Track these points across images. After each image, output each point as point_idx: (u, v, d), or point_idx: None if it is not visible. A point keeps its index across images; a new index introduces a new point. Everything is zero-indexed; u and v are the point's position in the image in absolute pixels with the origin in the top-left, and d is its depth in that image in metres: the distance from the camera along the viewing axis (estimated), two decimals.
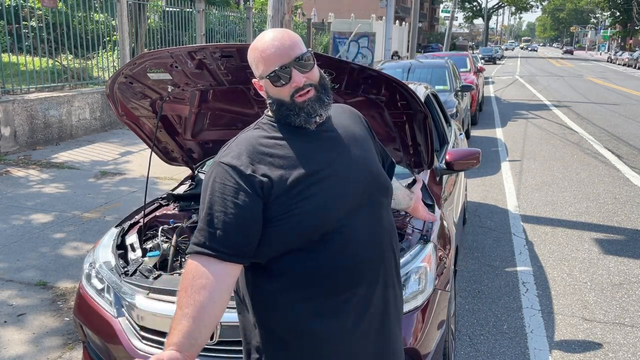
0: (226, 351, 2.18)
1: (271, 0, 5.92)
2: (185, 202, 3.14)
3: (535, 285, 4.13)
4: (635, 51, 45.47)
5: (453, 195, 3.81)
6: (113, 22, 10.49)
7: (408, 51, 25.85)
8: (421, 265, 2.42)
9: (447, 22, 33.66)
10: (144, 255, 2.67)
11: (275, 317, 1.44)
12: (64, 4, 9.24)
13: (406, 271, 2.35)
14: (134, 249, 2.72)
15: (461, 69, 12.48)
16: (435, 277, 2.48)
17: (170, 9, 11.74)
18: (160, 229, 2.83)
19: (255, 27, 15.47)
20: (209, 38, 13.45)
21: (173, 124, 2.98)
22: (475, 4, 75.23)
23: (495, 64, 42.96)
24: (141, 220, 2.95)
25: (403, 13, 44.85)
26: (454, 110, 8.08)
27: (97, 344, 2.49)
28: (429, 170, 3.23)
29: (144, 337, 2.31)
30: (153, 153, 2.99)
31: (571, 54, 74.17)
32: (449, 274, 2.69)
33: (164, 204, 3.18)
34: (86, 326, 2.53)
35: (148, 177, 2.93)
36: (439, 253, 2.63)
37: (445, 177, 3.67)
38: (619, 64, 45.38)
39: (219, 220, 1.35)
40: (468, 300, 3.87)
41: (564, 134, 10.92)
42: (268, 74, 1.42)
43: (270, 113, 1.50)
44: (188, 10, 12.14)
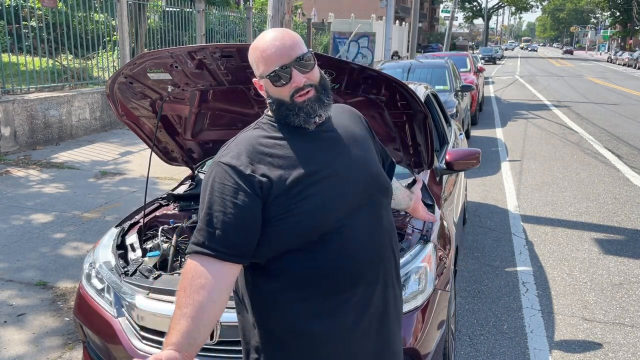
0: (226, 351, 2.18)
1: (271, 0, 5.92)
2: (185, 202, 3.14)
3: (535, 285, 4.13)
4: (635, 51, 45.47)
5: (453, 195, 3.81)
6: (113, 22, 10.49)
7: (408, 51, 25.85)
8: (421, 265, 2.42)
9: (447, 22, 33.66)
10: (144, 255, 2.67)
11: (274, 317, 1.44)
12: (64, 4, 9.24)
13: (406, 271, 2.35)
14: (134, 249, 2.72)
15: (461, 69, 12.47)
16: (435, 277, 2.48)
17: (170, 9, 11.74)
18: (160, 229, 2.83)
19: (255, 27, 15.47)
20: (209, 38, 13.45)
21: (173, 124, 2.98)
22: (475, 4, 75.22)
23: (495, 64, 42.96)
24: (141, 220, 2.95)
25: (403, 13, 44.85)
26: (454, 110, 8.08)
27: (97, 344, 2.49)
28: (429, 170, 3.23)
29: (144, 337, 2.31)
30: (153, 153, 2.99)
31: (571, 54, 74.18)
32: (449, 274, 2.69)
33: (164, 204, 3.18)
34: (86, 326, 2.53)
35: (148, 177, 2.93)
36: (439, 253, 2.63)
37: (445, 177, 3.67)
38: (619, 64, 45.38)
39: (218, 220, 1.35)
40: (468, 300, 3.87)
41: (564, 134, 10.92)
42: (268, 74, 1.41)
43: (270, 113, 1.50)
44: (188, 10, 12.14)
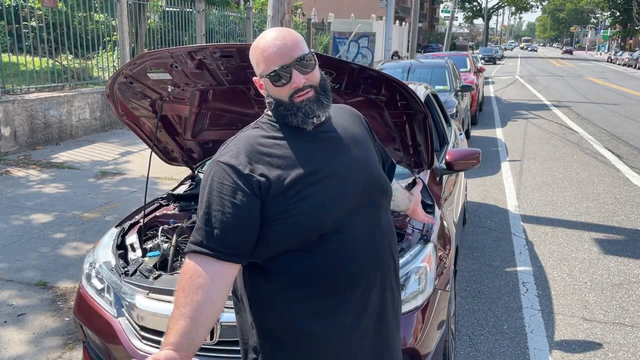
0: (226, 351, 2.18)
1: (271, 0, 5.92)
2: (185, 202, 3.14)
3: (535, 285, 4.13)
4: (635, 51, 45.47)
5: (453, 195, 3.81)
6: (113, 22, 10.49)
7: (408, 51, 25.85)
8: (421, 265, 2.42)
9: (447, 22, 33.66)
10: (144, 255, 2.67)
11: (273, 317, 1.44)
12: (64, 4, 9.24)
13: (406, 271, 2.35)
14: (134, 249, 2.72)
15: (461, 69, 12.48)
16: (435, 277, 2.48)
17: (170, 9, 11.74)
18: (160, 229, 2.83)
19: (255, 27, 15.47)
20: (209, 38, 13.45)
21: (173, 124, 2.98)
22: (475, 4, 75.21)
23: (495, 64, 42.96)
24: (141, 220, 2.95)
25: (403, 13, 44.85)
26: (454, 110, 8.08)
27: (97, 344, 2.49)
28: (429, 170, 3.23)
29: (144, 337, 2.31)
30: (153, 153, 2.99)
31: (570, 53, 74.18)
32: (449, 274, 2.69)
33: (164, 204, 3.18)
34: (86, 326, 2.53)
35: (148, 177, 2.93)
36: (439, 253, 2.63)
37: (445, 177, 3.67)
38: (619, 64, 45.38)
39: (216, 219, 1.34)
40: (468, 300, 3.87)
41: (564, 134, 10.91)
42: (268, 73, 1.41)
43: (270, 112, 1.49)
44: (188, 10, 12.14)
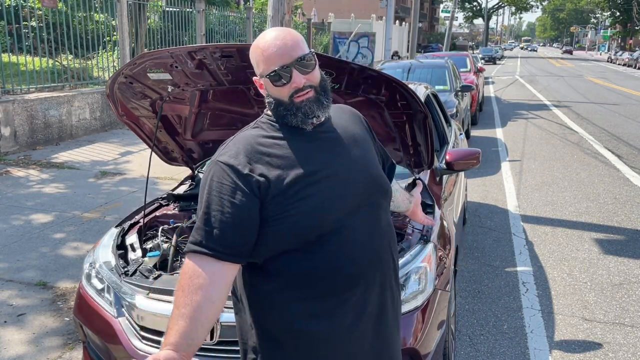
0: (226, 351, 2.18)
1: (271, 0, 5.92)
2: (185, 202, 3.14)
3: (535, 285, 4.13)
4: (635, 51, 45.47)
5: (453, 195, 3.81)
6: (113, 22, 10.49)
7: (408, 51, 25.85)
8: (421, 265, 2.42)
9: (447, 22, 33.66)
10: (144, 255, 2.67)
11: (272, 317, 1.44)
12: (64, 4, 9.24)
13: (406, 271, 2.35)
14: (134, 249, 2.72)
15: (461, 69, 12.47)
16: (435, 277, 2.48)
17: (170, 9, 11.74)
18: (160, 229, 2.83)
19: (255, 27, 15.47)
20: (209, 38, 13.45)
21: (173, 124, 2.98)
22: (475, 4, 75.21)
23: (495, 64, 42.96)
24: (141, 220, 2.95)
25: (403, 13, 44.85)
26: (454, 110, 8.08)
27: (97, 344, 2.49)
28: (429, 171, 3.23)
29: (144, 337, 2.31)
30: (153, 153, 2.99)
31: (570, 53, 74.18)
32: (449, 274, 2.69)
33: (164, 204, 3.18)
34: (86, 326, 2.53)
35: (148, 177, 2.93)
36: (439, 253, 2.63)
37: (445, 177, 3.67)
38: (619, 64, 45.38)
39: (216, 219, 1.34)
40: (468, 300, 3.87)
41: (564, 134, 10.91)
42: (268, 73, 1.41)
43: (270, 112, 1.49)
44: (188, 10, 12.14)
